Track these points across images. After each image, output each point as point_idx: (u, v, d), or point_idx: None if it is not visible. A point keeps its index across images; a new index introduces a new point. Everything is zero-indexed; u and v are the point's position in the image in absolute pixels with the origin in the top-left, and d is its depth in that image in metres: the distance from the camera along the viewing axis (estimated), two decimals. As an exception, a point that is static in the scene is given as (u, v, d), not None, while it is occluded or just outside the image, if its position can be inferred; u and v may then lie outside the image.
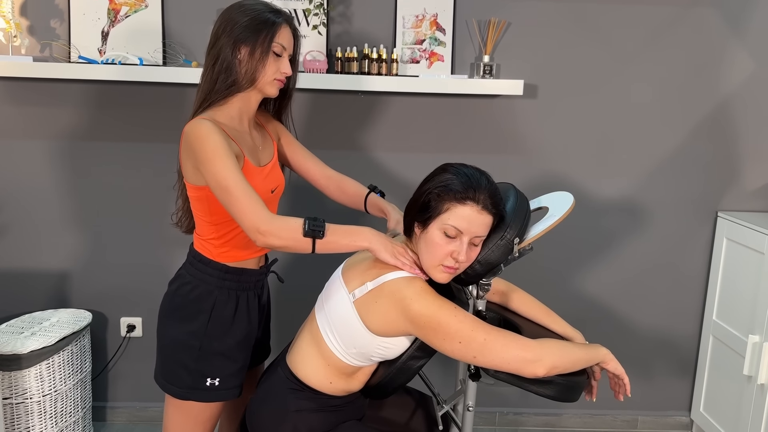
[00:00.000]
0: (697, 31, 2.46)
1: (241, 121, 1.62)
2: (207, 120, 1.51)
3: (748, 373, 2.33)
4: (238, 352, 1.67)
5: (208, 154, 1.46)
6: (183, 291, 1.64)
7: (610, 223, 2.60)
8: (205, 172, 1.47)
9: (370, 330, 1.45)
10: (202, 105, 1.58)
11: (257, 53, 1.54)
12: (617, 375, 1.53)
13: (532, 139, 2.52)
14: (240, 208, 1.43)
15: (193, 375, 1.61)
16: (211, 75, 1.56)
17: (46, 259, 2.55)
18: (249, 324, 1.69)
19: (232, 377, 1.66)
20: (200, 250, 1.65)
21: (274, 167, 1.71)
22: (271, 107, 1.80)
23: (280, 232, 1.42)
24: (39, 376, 2.23)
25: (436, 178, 1.46)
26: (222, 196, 1.46)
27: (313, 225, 1.42)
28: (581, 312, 2.66)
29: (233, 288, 1.65)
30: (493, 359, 1.38)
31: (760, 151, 2.56)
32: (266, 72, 1.56)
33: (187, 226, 1.75)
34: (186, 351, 1.61)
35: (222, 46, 1.54)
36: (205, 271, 1.63)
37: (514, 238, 1.45)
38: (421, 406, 1.79)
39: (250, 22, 1.54)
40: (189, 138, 1.50)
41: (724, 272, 2.56)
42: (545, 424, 2.77)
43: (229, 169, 1.44)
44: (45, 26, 2.38)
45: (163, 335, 1.66)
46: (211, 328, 1.61)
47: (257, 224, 1.41)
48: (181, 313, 1.63)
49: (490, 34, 2.38)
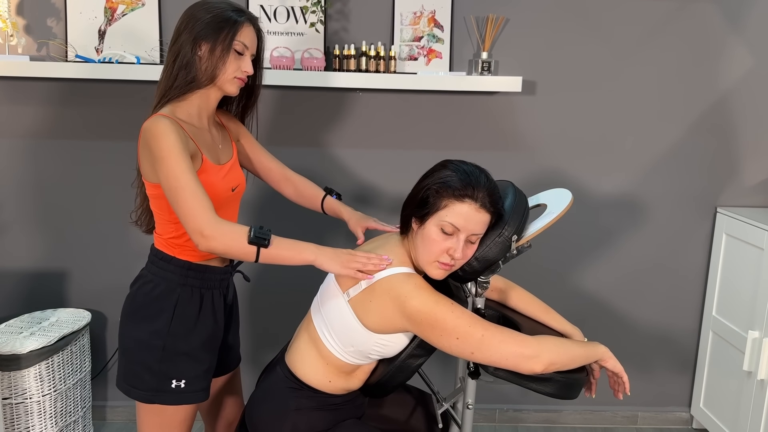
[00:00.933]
0: (695, 27, 2.45)
1: (200, 117, 1.61)
2: (165, 117, 1.49)
3: (747, 368, 2.32)
4: (204, 353, 1.63)
5: (163, 152, 1.44)
6: (145, 290, 1.61)
7: (609, 219, 2.60)
8: (159, 170, 1.46)
9: (367, 328, 1.45)
10: (162, 100, 1.57)
11: (217, 51, 1.53)
12: (616, 373, 1.53)
13: (530, 135, 2.52)
14: (186, 209, 1.41)
15: (157, 377, 1.57)
16: (171, 71, 1.55)
17: (45, 258, 2.55)
18: (215, 323, 1.65)
19: (198, 379, 1.61)
20: (161, 248, 1.62)
21: (234, 165, 1.69)
22: (235, 107, 1.78)
23: (224, 238, 1.40)
24: (38, 376, 2.23)
25: (435, 174, 1.46)
26: (171, 195, 1.44)
27: (259, 233, 1.41)
28: (580, 309, 2.66)
29: (197, 286, 1.61)
30: (490, 355, 1.37)
31: (759, 147, 2.55)
32: (226, 70, 1.55)
33: (147, 225, 1.72)
34: (149, 351, 1.57)
35: (183, 42, 1.53)
36: (166, 268, 1.60)
37: (512, 236, 1.45)
38: (421, 404, 1.79)
39: (212, 20, 1.53)
40: (146, 135, 1.48)
41: (724, 268, 2.55)
42: (545, 421, 2.77)
43: (182, 169, 1.43)
44: (41, 25, 2.38)
45: (125, 337, 1.61)
46: (175, 326, 1.58)
47: (201, 227, 1.40)
48: (143, 312, 1.59)
49: (488, 30, 2.38)
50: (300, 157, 2.50)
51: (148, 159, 1.51)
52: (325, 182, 2.50)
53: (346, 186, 2.52)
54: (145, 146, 1.50)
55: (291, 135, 2.49)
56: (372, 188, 2.54)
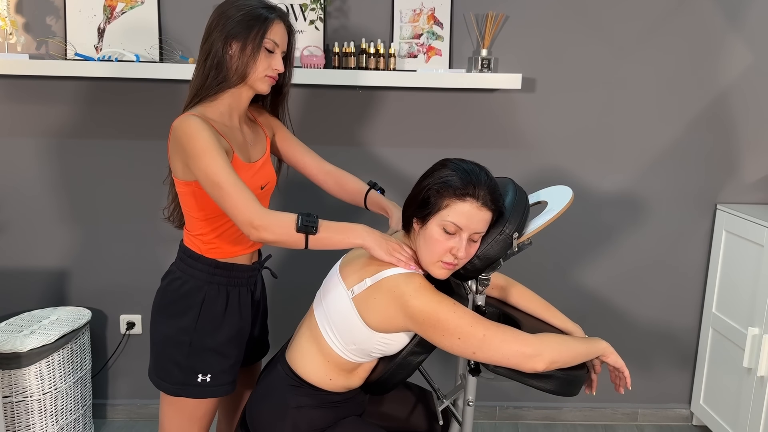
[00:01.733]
0: (694, 23, 2.45)
1: (231, 116, 1.61)
2: (195, 116, 1.50)
3: (747, 365, 2.33)
4: (230, 348, 1.66)
5: (198, 150, 1.45)
6: (173, 286, 1.64)
7: (609, 216, 2.60)
8: (195, 168, 1.46)
9: (369, 326, 1.45)
10: (193, 100, 1.58)
11: (248, 49, 1.53)
12: (617, 368, 1.53)
13: (530, 133, 2.52)
14: (233, 203, 1.42)
15: (184, 371, 1.61)
16: (203, 70, 1.56)
17: (45, 256, 2.55)
18: (241, 320, 1.68)
19: (224, 373, 1.64)
20: (189, 246, 1.65)
21: (265, 164, 1.70)
22: (267, 104, 1.78)
23: (273, 227, 1.42)
24: (39, 375, 2.23)
25: (435, 174, 1.46)
26: (213, 191, 1.45)
27: (306, 221, 1.42)
28: (581, 306, 2.66)
29: (223, 283, 1.64)
30: (492, 355, 1.38)
31: (759, 143, 2.55)
32: (257, 68, 1.55)
33: (179, 221, 1.74)
34: (176, 347, 1.61)
35: (214, 41, 1.54)
36: (194, 266, 1.62)
37: (513, 233, 1.45)
38: (421, 402, 1.79)
39: (243, 18, 1.53)
40: (177, 134, 1.49)
41: (724, 265, 2.55)
42: (545, 418, 2.77)
43: (220, 165, 1.44)
44: (41, 23, 2.37)
45: (155, 331, 1.66)
46: (202, 323, 1.61)
47: (251, 219, 1.41)
48: (171, 308, 1.63)
49: (488, 27, 2.38)
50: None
51: (180, 157, 1.52)
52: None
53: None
54: (177, 144, 1.50)
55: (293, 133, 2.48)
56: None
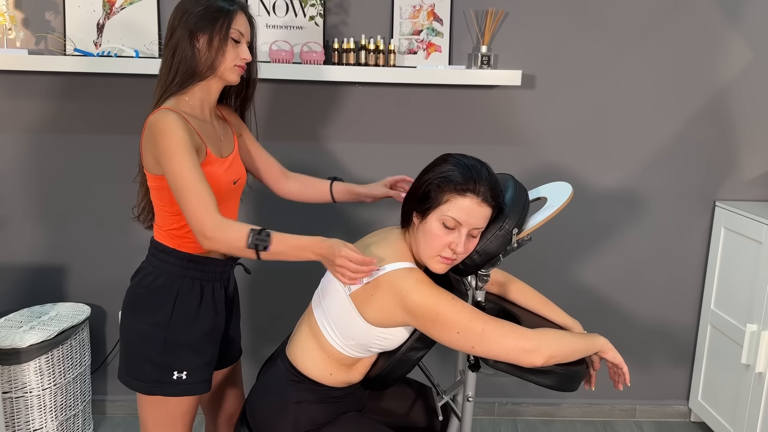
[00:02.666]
0: (694, 20, 2.45)
1: (203, 110, 1.62)
2: (172, 112, 1.50)
3: (746, 361, 2.33)
4: (205, 345, 1.64)
5: (171, 148, 1.46)
6: (145, 282, 1.62)
7: (607, 213, 2.60)
8: (164, 165, 1.47)
9: (367, 321, 1.45)
10: (163, 96, 1.57)
11: (215, 41, 1.54)
12: (616, 364, 1.54)
13: (529, 129, 2.52)
14: (190, 208, 1.45)
15: (158, 368, 1.58)
16: (170, 66, 1.56)
17: (44, 252, 2.55)
18: (216, 315, 1.66)
19: (200, 371, 1.62)
20: (161, 241, 1.63)
21: (236, 158, 1.70)
22: (233, 100, 1.78)
23: (225, 240, 1.44)
24: (38, 370, 2.23)
25: (436, 169, 1.46)
26: (176, 193, 1.47)
27: (257, 239, 1.42)
28: (579, 302, 2.67)
29: (197, 277, 1.62)
30: (491, 349, 1.38)
31: (758, 141, 2.56)
32: (226, 59, 1.56)
33: (148, 221, 1.72)
34: (150, 343, 1.58)
35: (179, 37, 1.54)
36: (166, 260, 1.61)
37: (512, 229, 1.45)
38: (421, 397, 1.79)
39: (205, 11, 1.54)
40: (152, 129, 1.50)
41: (722, 261, 2.56)
42: (544, 414, 2.78)
43: (188, 168, 1.45)
44: (40, 19, 2.37)
45: (126, 329, 1.63)
46: (176, 318, 1.59)
47: (203, 229, 1.44)
48: (143, 305, 1.60)
49: (488, 24, 2.38)
50: (299, 151, 2.50)
51: (152, 152, 1.52)
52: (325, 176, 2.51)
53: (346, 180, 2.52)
54: (151, 140, 1.51)
55: (290, 129, 2.49)
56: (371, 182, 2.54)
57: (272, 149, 1.92)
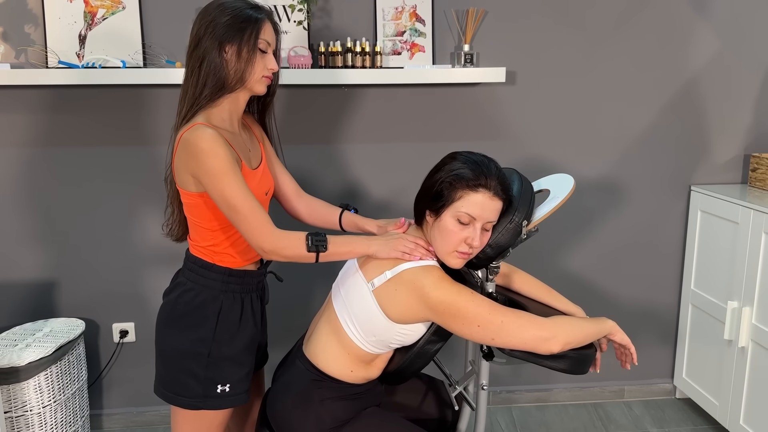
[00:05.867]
0: (664, 13, 2.55)
1: (232, 122, 1.60)
2: (209, 128, 1.46)
3: (728, 337, 2.44)
4: (246, 356, 1.65)
5: (216, 169, 1.44)
6: (186, 298, 1.60)
7: (589, 201, 2.69)
8: (211, 187, 1.46)
9: (389, 318, 1.49)
10: (192, 109, 1.53)
11: (244, 52, 1.51)
12: (624, 345, 1.61)
13: (513, 124, 2.59)
14: (248, 226, 1.47)
15: (203, 383, 1.59)
16: (198, 78, 1.52)
17: (33, 269, 2.51)
18: (255, 326, 1.68)
19: (241, 382, 1.64)
20: (200, 256, 1.62)
21: (265, 169, 1.69)
22: (255, 108, 1.76)
23: (285, 251, 1.49)
24: (38, 388, 2.20)
25: (446, 167, 1.50)
26: (229, 213, 1.47)
27: (317, 240, 1.49)
28: (564, 288, 2.68)
29: (237, 291, 1.63)
30: (510, 339, 1.43)
31: (728, 125, 2.68)
32: (255, 70, 1.54)
33: (178, 235, 1.71)
34: (194, 359, 1.58)
35: (206, 47, 1.50)
36: (207, 276, 1.60)
37: (522, 221, 1.51)
38: (432, 389, 1.84)
39: (233, 21, 1.50)
40: (192, 149, 1.46)
41: (700, 243, 2.67)
42: (537, 400, 2.85)
43: (238, 187, 1.45)
44: (19, 32, 2.33)
45: (166, 345, 1.61)
46: (219, 333, 1.59)
47: (261, 244, 1.47)
48: (184, 321, 1.59)
49: (469, 23, 2.43)
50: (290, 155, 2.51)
51: (192, 171, 1.49)
52: (316, 179, 2.54)
53: (337, 182, 2.55)
54: (189, 158, 1.47)
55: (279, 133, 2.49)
56: (363, 183, 2.58)
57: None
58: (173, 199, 1.66)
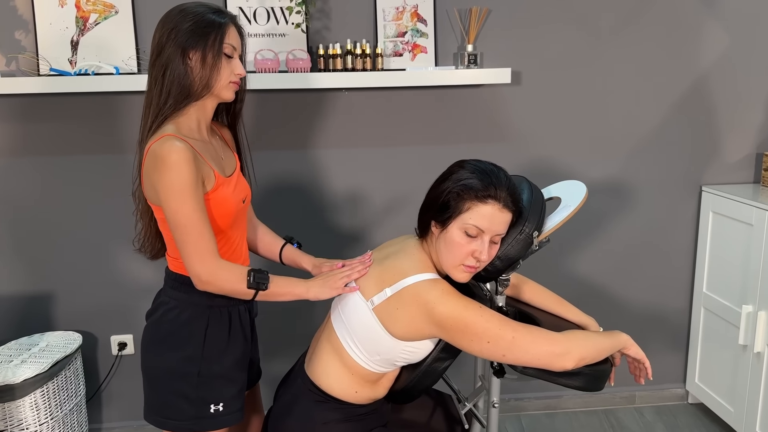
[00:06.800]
0: (671, 9, 2.48)
1: (201, 130, 1.53)
2: (177, 140, 1.39)
3: (743, 342, 2.38)
4: (237, 372, 1.59)
5: (174, 186, 1.37)
6: (170, 317, 1.53)
7: (598, 204, 2.62)
8: (166, 202, 1.39)
9: (393, 336, 1.42)
10: (158, 119, 1.46)
11: (209, 58, 1.45)
12: (638, 359, 1.55)
13: (518, 125, 2.52)
14: (191, 250, 1.41)
15: (195, 404, 1.52)
16: (162, 87, 1.45)
17: (27, 281, 2.45)
18: (245, 340, 1.61)
19: (234, 400, 1.57)
20: (181, 272, 1.55)
21: (240, 176, 1.63)
22: (224, 116, 1.68)
23: (223, 284, 1.43)
24: (34, 405, 2.14)
25: (453, 176, 1.44)
26: (176, 231, 1.41)
27: (258, 278, 1.45)
28: (574, 293, 2.68)
29: (224, 305, 1.56)
30: (522, 356, 1.37)
31: (739, 123, 2.61)
32: (221, 76, 1.48)
33: (153, 251, 1.64)
34: (183, 379, 1.51)
35: (169, 55, 1.44)
36: (191, 292, 1.52)
37: (533, 232, 1.44)
38: (440, 405, 1.78)
39: (195, 26, 1.45)
40: (156, 162, 1.39)
41: (712, 245, 2.60)
42: (546, 407, 2.79)
43: (193, 209, 1.39)
44: (9, 38, 2.27)
45: (153, 367, 1.55)
46: (208, 350, 1.53)
47: (200, 272, 1.42)
48: (170, 340, 1.52)
49: (473, 22, 2.36)
50: (289, 160, 2.45)
51: (153, 183, 1.43)
52: (315, 186, 2.48)
53: (337, 188, 2.49)
54: (155, 171, 1.40)
55: (280, 138, 2.43)
56: (364, 189, 2.51)
57: (260, 159, 1.84)
58: (143, 213, 1.59)
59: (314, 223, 2.50)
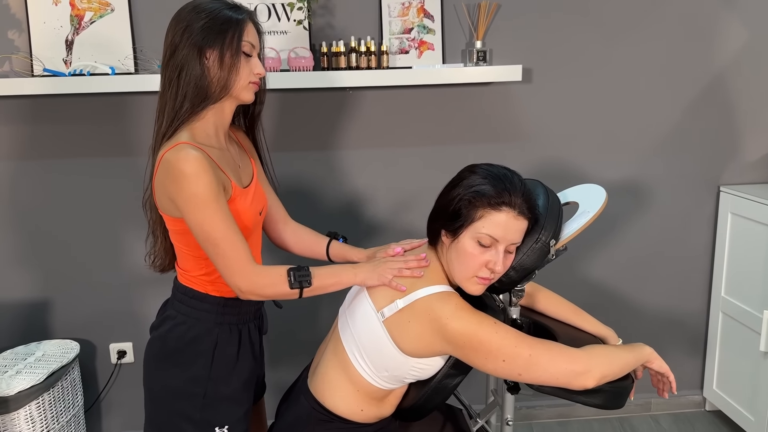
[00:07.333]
0: (688, 3, 2.38)
1: (218, 136, 1.44)
2: (192, 149, 1.30)
3: (765, 348, 2.28)
4: (244, 393, 1.51)
5: (198, 197, 1.29)
6: (177, 332, 1.45)
7: (613, 204, 2.52)
8: (190, 215, 1.31)
9: (403, 351, 1.34)
10: (173, 124, 1.37)
11: (227, 57, 1.36)
12: (662, 373, 1.47)
13: (529, 124, 2.43)
14: (225, 262, 1.33)
15: (199, 426, 1.44)
16: (177, 89, 1.36)
17: (24, 288, 2.38)
18: (254, 360, 1.53)
19: (240, 422, 1.49)
20: (190, 285, 1.47)
21: (257, 186, 1.54)
22: (242, 121, 1.60)
23: (265, 290, 1.36)
24: (29, 418, 2.07)
25: (464, 182, 1.35)
26: (206, 245, 1.33)
27: (300, 276, 1.36)
28: (588, 296, 2.60)
29: (234, 322, 1.48)
30: (540, 375, 1.28)
31: (759, 122, 2.51)
32: (240, 76, 1.38)
33: (163, 265, 1.55)
34: (188, 400, 1.43)
35: (184, 55, 1.35)
36: (200, 307, 1.45)
37: (549, 240, 1.36)
38: (450, 420, 1.69)
39: (211, 23, 1.35)
40: (173, 171, 1.30)
41: (731, 247, 2.51)
42: (559, 415, 2.71)
43: (220, 219, 1.30)
44: (2, 38, 2.19)
45: (156, 384, 1.47)
46: (216, 370, 1.45)
47: (239, 283, 1.34)
48: (176, 357, 1.45)
49: (481, 18, 2.27)
50: (290, 163, 2.37)
51: (169, 194, 1.34)
52: (318, 188, 2.40)
53: (341, 191, 2.41)
54: (171, 182, 1.31)
55: (280, 140, 2.35)
56: (369, 191, 2.43)
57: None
58: (156, 225, 1.50)
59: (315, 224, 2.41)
